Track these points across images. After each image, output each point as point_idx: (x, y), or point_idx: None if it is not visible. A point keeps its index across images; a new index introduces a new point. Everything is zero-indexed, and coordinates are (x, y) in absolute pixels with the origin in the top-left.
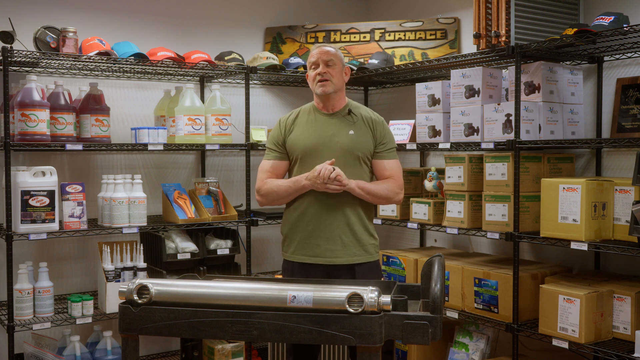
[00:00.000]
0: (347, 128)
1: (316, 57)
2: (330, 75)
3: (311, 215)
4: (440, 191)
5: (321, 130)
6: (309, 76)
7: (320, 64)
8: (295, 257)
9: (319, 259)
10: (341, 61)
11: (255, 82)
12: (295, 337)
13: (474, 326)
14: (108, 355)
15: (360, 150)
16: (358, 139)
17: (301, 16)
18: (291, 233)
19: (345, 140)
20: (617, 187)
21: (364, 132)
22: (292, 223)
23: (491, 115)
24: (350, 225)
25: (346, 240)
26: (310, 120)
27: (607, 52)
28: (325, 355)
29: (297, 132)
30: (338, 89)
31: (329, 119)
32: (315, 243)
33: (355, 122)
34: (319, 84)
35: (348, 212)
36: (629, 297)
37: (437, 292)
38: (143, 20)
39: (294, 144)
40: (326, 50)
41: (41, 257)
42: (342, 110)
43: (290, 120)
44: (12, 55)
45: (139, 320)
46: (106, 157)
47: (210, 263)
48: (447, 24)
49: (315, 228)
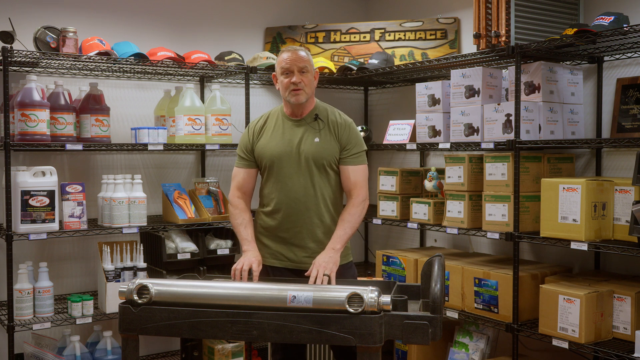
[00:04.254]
0: (313, 135)
1: (290, 63)
2: (304, 85)
3: (279, 222)
4: (440, 191)
5: (287, 139)
6: (278, 81)
7: (295, 71)
8: (266, 261)
9: (290, 264)
10: (313, 66)
11: (255, 82)
12: (295, 337)
13: (474, 326)
14: (108, 355)
15: (324, 159)
16: (323, 146)
17: (301, 16)
18: (262, 237)
19: (310, 149)
20: (617, 187)
21: (329, 138)
22: (262, 227)
23: (491, 115)
24: (316, 234)
25: (314, 248)
26: (278, 127)
27: (607, 52)
28: (312, 355)
29: (265, 139)
30: (310, 96)
31: (295, 127)
32: (287, 248)
33: (322, 128)
34: (293, 92)
35: (315, 220)
36: (629, 297)
37: (437, 292)
38: (143, 20)
39: (261, 151)
40: (300, 56)
41: (41, 257)
42: (309, 115)
43: (259, 127)
44: (12, 55)
45: (139, 320)
46: (106, 157)
47: (210, 263)
48: (447, 24)
49: (285, 236)
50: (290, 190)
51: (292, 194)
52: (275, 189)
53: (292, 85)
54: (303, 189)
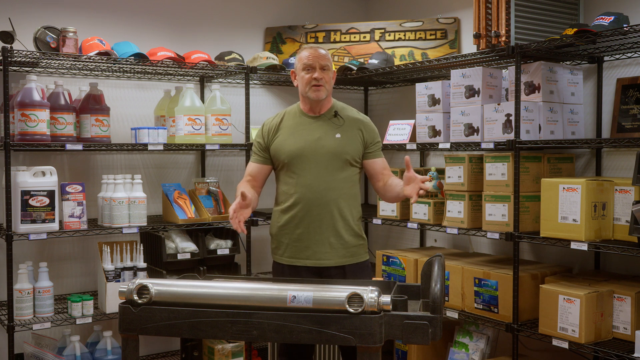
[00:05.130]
0: (334, 131)
1: (312, 60)
2: (325, 81)
3: (299, 218)
4: (440, 191)
5: (307, 135)
6: (298, 76)
7: (317, 68)
8: (285, 260)
9: (309, 262)
10: (332, 65)
11: (255, 82)
12: (295, 337)
13: (474, 326)
14: (108, 355)
15: (347, 154)
16: (345, 142)
17: (301, 16)
18: (279, 235)
19: (332, 143)
20: (617, 187)
21: (351, 134)
22: (280, 225)
23: (491, 115)
24: (337, 228)
25: (334, 243)
26: (296, 124)
27: (607, 52)
28: (320, 355)
29: (282, 136)
30: (329, 93)
31: (314, 122)
32: (304, 246)
33: (342, 124)
34: (314, 88)
35: (336, 215)
36: (629, 297)
37: (437, 292)
38: (143, 20)
39: (279, 148)
40: (322, 54)
41: (41, 257)
42: (328, 112)
43: (275, 124)
44: (12, 55)
45: (139, 320)
46: (106, 157)
47: (210, 263)
48: (447, 24)
49: (304, 231)
50: (310, 184)
51: (312, 188)
52: (293, 185)
53: (313, 81)
54: (324, 183)
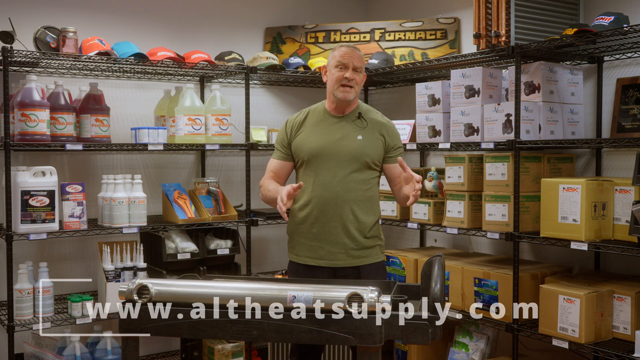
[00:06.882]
0: (356, 132)
1: (347, 59)
2: (356, 83)
3: (314, 217)
4: (440, 191)
5: (329, 134)
6: (328, 72)
7: (350, 68)
8: (301, 259)
9: (323, 262)
10: (364, 69)
11: (255, 82)
12: (295, 337)
13: (474, 326)
14: (108, 355)
15: (368, 156)
16: (367, 144)
17: (301, 16)
18: (295, 234)
19: (353, 145)
20: (617, 187)
21: (373, 137)
22: (296, 224)
23: (491, 115)
24: (351, 230)
25: (348, 244)
26: (319, 122)
27: (607, 52)
28: (329, 355)
29: (305, 134)
30: (357, 95)
31: (338, 122)
32: (319, 246)
33: (365, 127)
34: (342, 88)
35: (350, 216)
36: (629, 297)
37: (437, 292)
38: (143, 20)
39: (300, 146)
40: (358, 55)
41: (41, 257)
42: (352, 113)
43: (298, 121)
44: (12, 55)
45: (139, 320)
46: (106, 157)
47: (210, 263)
48: (447, 24)
49: (320, 231)
50: (327, 184)
51: (329, 188)
52: (311, 183)
53: (344, 80)
54: (341, 184)
